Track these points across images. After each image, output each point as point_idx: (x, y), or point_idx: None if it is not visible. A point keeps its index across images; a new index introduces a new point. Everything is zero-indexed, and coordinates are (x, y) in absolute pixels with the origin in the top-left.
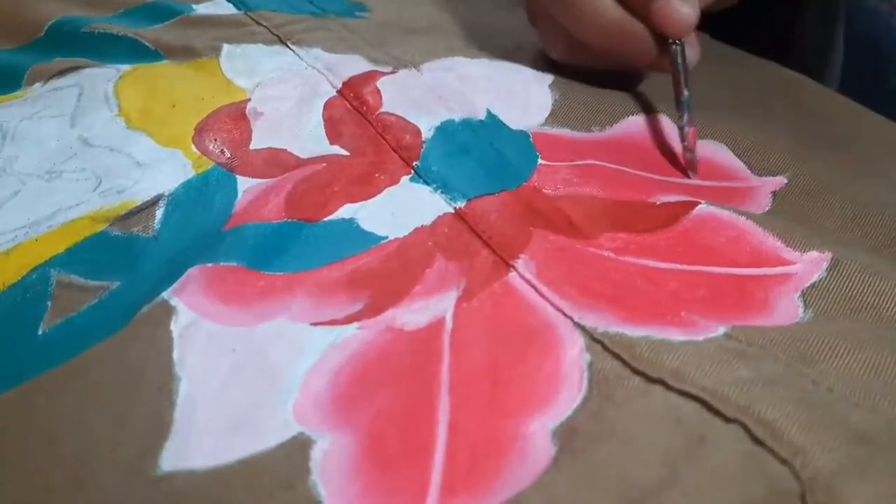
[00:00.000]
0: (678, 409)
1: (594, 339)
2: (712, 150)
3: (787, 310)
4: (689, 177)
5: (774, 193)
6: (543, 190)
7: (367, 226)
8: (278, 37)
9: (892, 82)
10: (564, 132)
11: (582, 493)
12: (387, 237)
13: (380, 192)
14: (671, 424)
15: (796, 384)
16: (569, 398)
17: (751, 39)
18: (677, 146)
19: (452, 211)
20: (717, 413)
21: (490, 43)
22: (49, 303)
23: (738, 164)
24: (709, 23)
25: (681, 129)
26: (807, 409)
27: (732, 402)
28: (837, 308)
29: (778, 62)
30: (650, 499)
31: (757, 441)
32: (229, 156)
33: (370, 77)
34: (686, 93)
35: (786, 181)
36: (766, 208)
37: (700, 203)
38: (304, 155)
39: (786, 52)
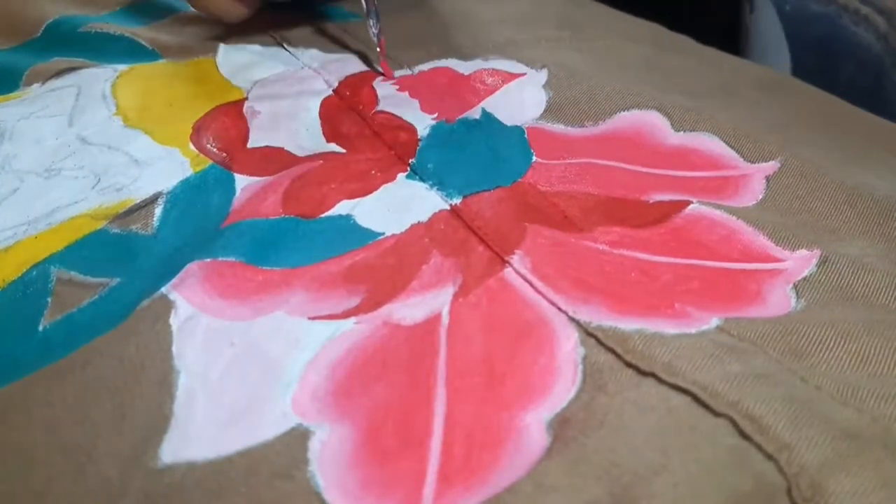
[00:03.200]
0: (669, 400)
1: (588, 334)
2: (705, 142)
3: (780, 300)
4: (392, 77)
5: (768, 178)
6: (538, 186)
7: (363, 222)
8: (274, 37)
9: (842, 79)
10: (558, 127)
11: (573, 480)
12: (383, 233)
13: (376, 188)
14: (663, 414)
15: (785, 380)
16: (563, 391)
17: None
18: (668, 139)
19: (448, 208)
20: (706, 407)
21: (483, 39)
22: (49, 299)
23: (730, 154)
24: None
25: (376, 36)
26: (794, 406)
27: (722, 397)
28: (829, 297)
29: None
30: (641, 485)
31: (744, 436)
32: (227, 154)
33: (366, 77)
34: (375, 3)
35: (779, 165)
36: (761, 194)
37: (692, 202)
38: (300, 153)
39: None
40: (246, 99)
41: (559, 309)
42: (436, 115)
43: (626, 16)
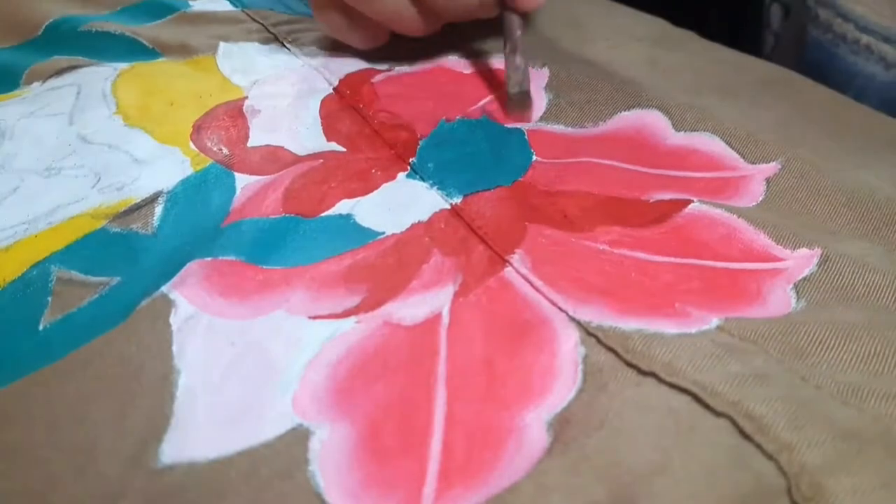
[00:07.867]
0: (670, 400)
1: (588, 333)
2: (705, 142)
3: (780, 300)
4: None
5: (768, 180)
6: (538, 186)
7: (363, 221)
8: (275, 35)
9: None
10: (558, 128)
11: (574, 480)
12: (384, 232)
13: (376, 187)
14: (663, 413)
15: (786, 380)
16: (564, 390)
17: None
18: (669, 139)
19: (448, 207)
20: (707, 407)
21: (486, 41)
22: (50, 298)
23: (731, 154)
24: None
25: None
26: (795, 406)
27: (722, 397)
28: (829, 297)
29: None
30: (641, 484)
31: (745, 436)
32: (227, 153)
33: (366, 75)
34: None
35: (779, 167)
36: (761, 196)
37: (692, 202)
38: (301, 152)
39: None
40: (246, 98)
41: (559, 308)
42: (436, 114)
43: (629, 10)
